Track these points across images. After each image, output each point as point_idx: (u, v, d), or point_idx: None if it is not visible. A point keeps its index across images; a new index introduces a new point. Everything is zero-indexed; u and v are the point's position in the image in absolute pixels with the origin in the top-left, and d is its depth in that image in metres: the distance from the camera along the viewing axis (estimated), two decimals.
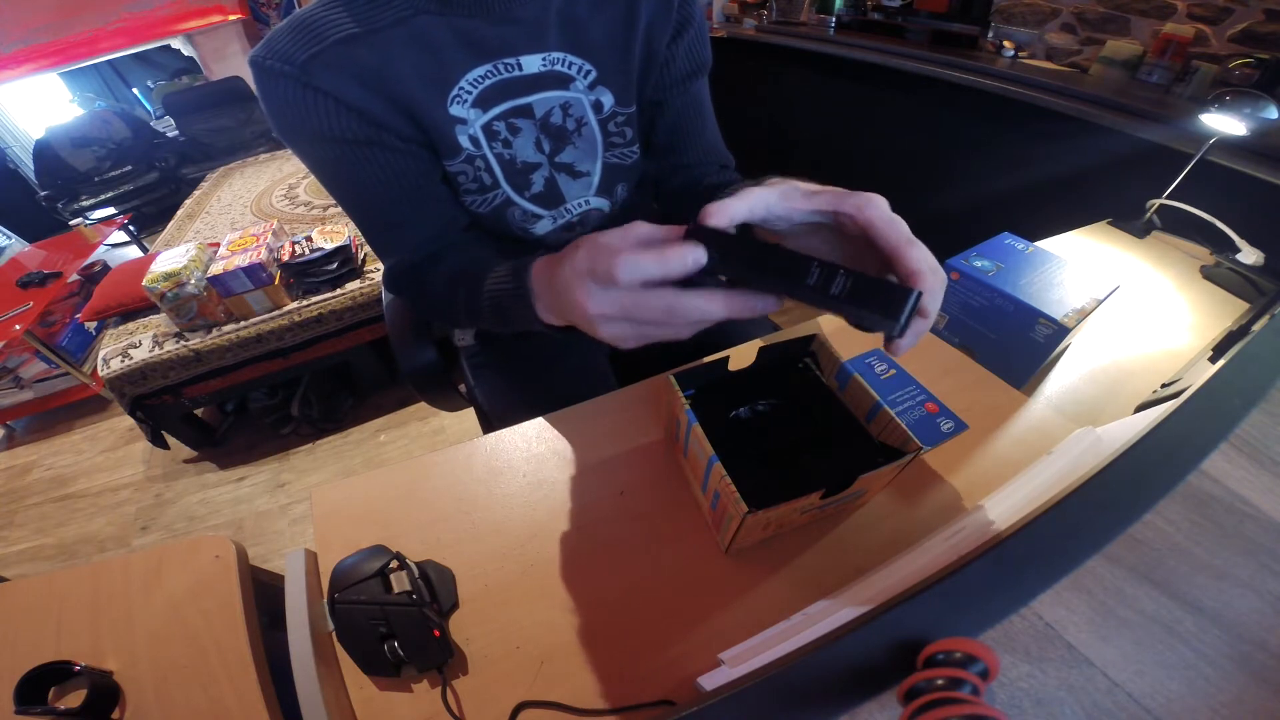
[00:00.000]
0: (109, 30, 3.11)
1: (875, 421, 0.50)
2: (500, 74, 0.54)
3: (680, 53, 0.62)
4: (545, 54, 0.55)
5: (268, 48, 0.48)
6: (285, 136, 0.51)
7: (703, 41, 0.64)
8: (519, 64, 0.54)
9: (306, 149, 0.52)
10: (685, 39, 0.62)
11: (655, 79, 0.62)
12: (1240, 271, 0.78)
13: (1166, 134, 1.04)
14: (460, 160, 0.56)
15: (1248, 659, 0.26)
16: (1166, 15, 1.27)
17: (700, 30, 0.63)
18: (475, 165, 0.57)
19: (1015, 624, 0.27)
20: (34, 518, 1.72)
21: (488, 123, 0.56)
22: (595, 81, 0.58)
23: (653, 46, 0.60)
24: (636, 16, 0.57)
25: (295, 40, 0.47)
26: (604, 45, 0.57)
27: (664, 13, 0.59)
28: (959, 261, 0.68)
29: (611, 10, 0.57)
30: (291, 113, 0.49)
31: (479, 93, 0.54)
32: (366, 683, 0.45)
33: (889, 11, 1.80)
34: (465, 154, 0.56)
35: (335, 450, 1.76)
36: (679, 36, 0.61)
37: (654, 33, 0.59)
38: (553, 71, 0.56)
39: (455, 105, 0.53)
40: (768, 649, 0.39)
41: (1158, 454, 0.34)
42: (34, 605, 0.53)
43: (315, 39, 0.47)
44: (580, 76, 0.58)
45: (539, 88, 0.56)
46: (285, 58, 0.47)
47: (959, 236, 0.74)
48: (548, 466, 0.60)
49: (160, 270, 1.47)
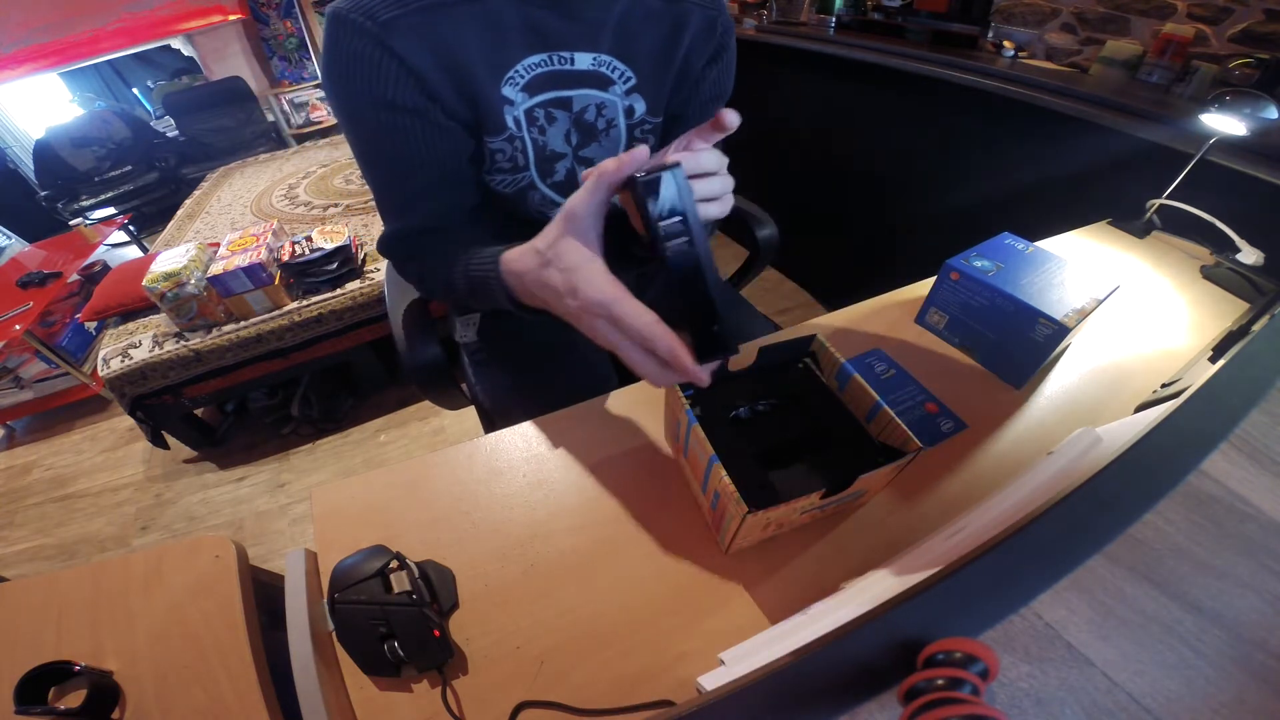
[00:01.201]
0: (109, 30, 3.11)
1: (875, 421, 0.50)
2: (552, 65, 0.57)
3: (711, 76, 0.66)
4: (596, 54, 0.58)
5: (353, 1, 0.48)
6: (337, 89, 0.52)
7: (729, 73, 0.68)
8: (572, 59, 0.57)
9: (353, 106, 0.52)
10: (719, 65, 0.66)
11: (684, 94, 0.66)
12: (1240, 271, 0.78)
13: (1166, 134, 1.03)
14: (502, 139, 0.58)
15: (1248, 659, 0.26)
16: (1166, 15, 1.27)
17: (731, 61, 0.67)
18: (514, 145, 0.60)
19: (1015, 624, 0.27)
20: (34, 518, 1.72)
21: (530, 108, 0.58)
22: (633, 88, 0.62)
23: (689, 64, 0.64)
24: (682, 36, 0.61)
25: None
26: (647, 56, 0.61)
27: (707, 36, 0.63)
28: (959, 261, 0.68)
29: (660, 25, 0.60)
30: (356, 68, 0.49)
31: (530, 79, 0.57)
32: (366, 683, 0.45)
33: (889, 11, 1.80)
34: (508, 133, 0.58)
35: (335, 450, 1.76)
36: (715, 61, 0.65)
37: (693, 53, 0.63)
38: (598, 72, 0.59)
39: (507, 87, 0.56)
40: (768, 649, 0.39)
41: (1158, 454, 0.34)
42: (34, 605, 0.53)
43: (399, 2, 0.49)
44: (620, 81, 0.61)
45: (582, 84, 0.59)
46: (369, 13, 0.48)
47: (959, 236, 0.74)
48: (548, 466, 0.60)
49: (160, 270, 1.47)
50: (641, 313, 0.36)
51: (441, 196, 0.60)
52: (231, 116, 3.45)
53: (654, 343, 0.36)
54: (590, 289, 0.38)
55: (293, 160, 2.74)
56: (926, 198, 1.68)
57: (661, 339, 0.36)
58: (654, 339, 0.36)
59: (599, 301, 0.37)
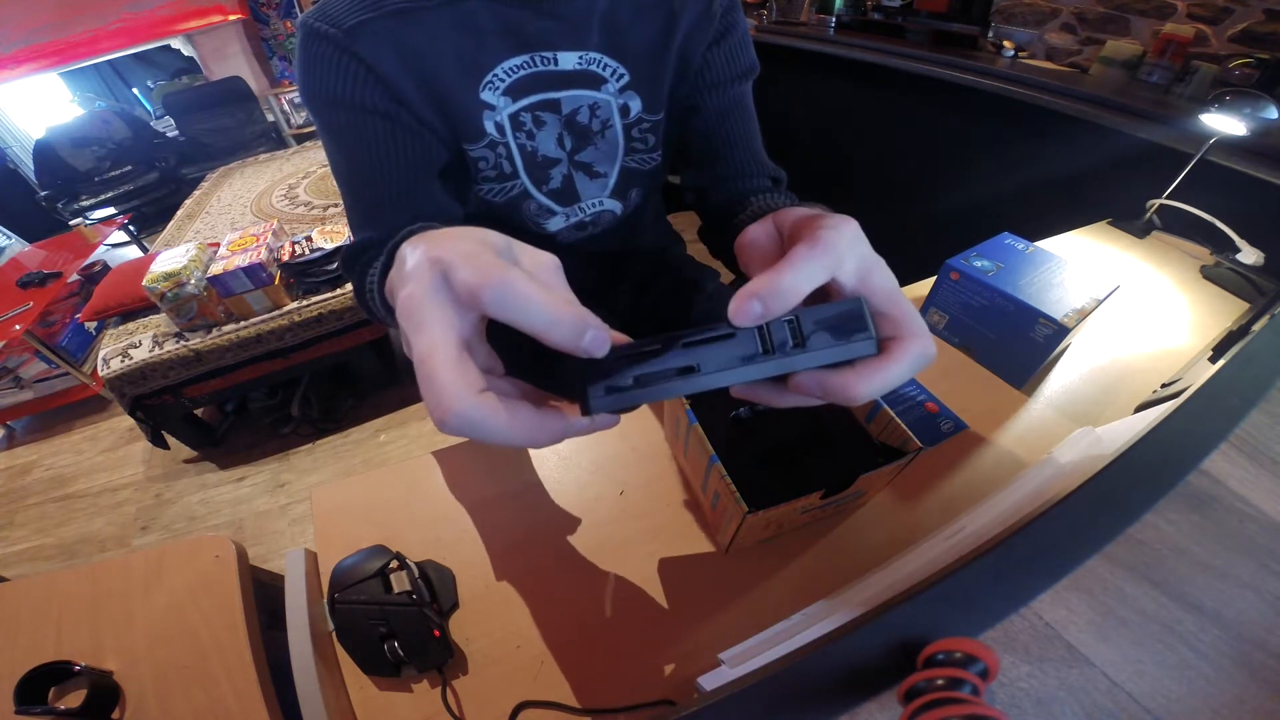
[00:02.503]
0: (109, 30, 3.11)
1: (875, 421, 0.50)
2: (535, 67, 0.55)
3: (719, 58, 0.61)
4: (583, 53, 0.56)
5: (320, 10, 0.49)
6: (307, 96, 0.52)
7: (745, 46, 0.63)
8: (555, 59, 0.55)
9: (324, 111, 0.52)
10: (725, 45, 0.61)
11: (691, 83, 0.62)
12: (1240, 271, 0.78)
13: (1166, 134, 1.04)
14: (483, 145, 0.57)
15: (1248, 659, 0.26)
16: (1166, 15, 1.27)
17: (743, 37, 0.62)
18: (497, 152, 0.58)
19: (1015, 624, 0.27)
20: (34, 518, 1.72)
21: (515, 112, 0.56)
22: (626, 86, 0.59)
23: (689, 54, 0.60)
24: (676, 28, 0.58)
25: (349, 6, 0.48)
26: (640, 52, 0.58)
27: (705, 22, 0.59)
28: (959, 261, 0.68)
29: (652, 19, 0.57)
30: (321, 73, 0.49)
31: (511, 82, 0.55)
32: (366, 683, 0.45)
33: (889, 11, 1.80)
34: (489, 139, 0.57)
35: (335, 450, 1.76)
36: (719, 42, 0.61)
37: (692, 41, 0.59)
38: (587, 71, 0.57)
39: (486, 91, 0.54)
40: (768, 649, 0.39)
41: (1158, 454, 0.34)
42: (34, 605, 0.53)
43: (369, 7, 0.48)
44: (613, 79, 0.58)
45: (570, 85, 0.57)
46: (334, 21, 0.48)
47: (959, 236, 0.74)
48: (548, 466, 0.60)
49: (160, 270, 1.47)
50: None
51: (412, 208, 0.56)
52: (231, 116, 3.45)
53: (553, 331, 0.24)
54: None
55: (293, 160, 2.74)
56: (926, 198, 1.68)
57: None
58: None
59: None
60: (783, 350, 0.24)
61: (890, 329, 0.25)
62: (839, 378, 0.24)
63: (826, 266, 0.24)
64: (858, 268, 0.25)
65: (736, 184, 0.64)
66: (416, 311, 0.24)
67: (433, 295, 0.24)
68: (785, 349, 0.24)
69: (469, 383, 0.23)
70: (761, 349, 0.24)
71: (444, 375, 0.23)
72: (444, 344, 0.23)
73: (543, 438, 0.24)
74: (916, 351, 0.24)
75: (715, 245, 0.68)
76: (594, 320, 0.23)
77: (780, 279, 0.23)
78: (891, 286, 0.26)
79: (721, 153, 0.64)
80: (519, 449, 0.61)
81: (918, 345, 0.24)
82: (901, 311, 0.25)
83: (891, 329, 0.25)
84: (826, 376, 0.25)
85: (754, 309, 0.23)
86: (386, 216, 0.57)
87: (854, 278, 0.25)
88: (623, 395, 0.24)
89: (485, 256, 0.24)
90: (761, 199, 0.58)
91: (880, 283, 0.26)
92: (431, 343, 0.23)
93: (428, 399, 0.23)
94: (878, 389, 0.24)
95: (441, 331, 0.23)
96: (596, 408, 0.24)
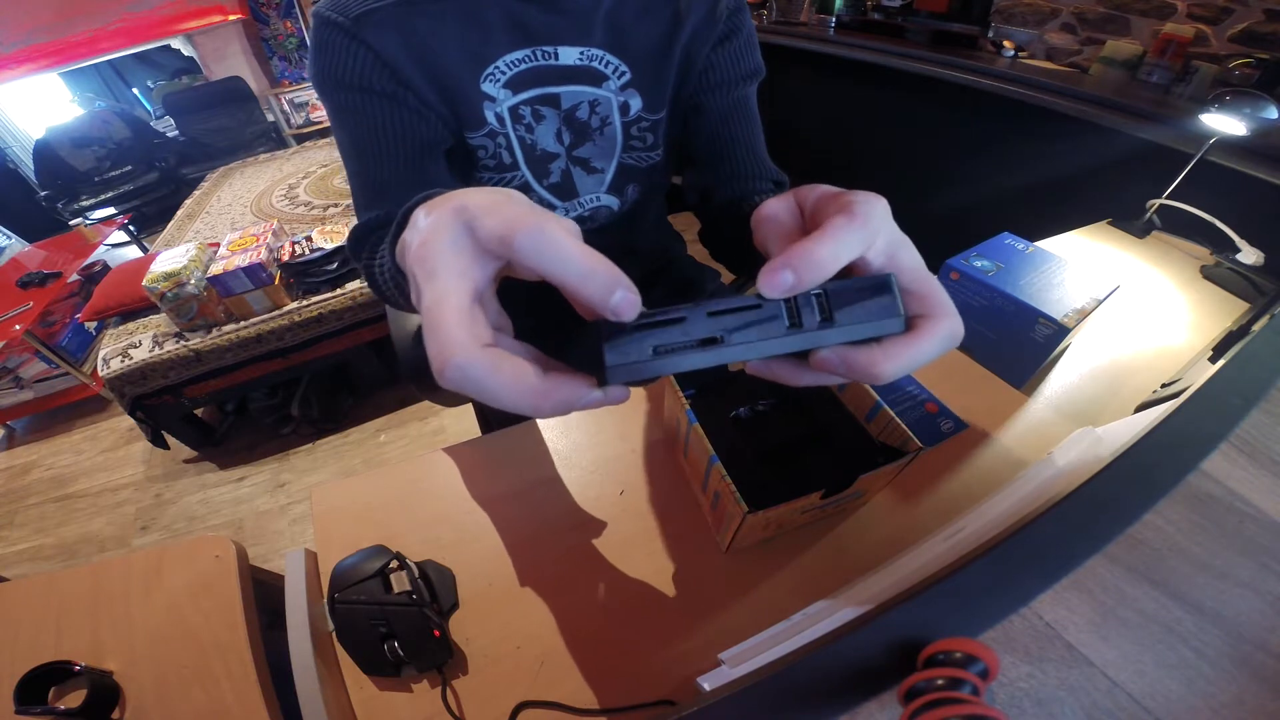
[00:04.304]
0: (109, 30, 3.11)
1: (875, 421, 0.50)
2: (536, 61, 0.56)
3: (724, 59, 0.62)
4: (585, 48, 0.56)
5: (332, 0, 0.50)
6: (317, 80, 0.53)
7: (751, 49, 0.63)
8: (556, 54, 0.56)
9: (332, 93, 0.54)
10: (731, 46, 0.61)
11: (694, 83, 0.62)
12: (1240, 271, 0.78)
13: (1166, 134, 1.04)
14: (483, 134, 0.57)
15: (1248, 659, 0.26)
16: (1166, 15, 1.27)
17: (749, 40, 0.63)
18: (497, 142, 0.58)
19: (1015, 624, 0.27)
20: (34, 518, 1.72)
21: (515, 105, 0.57)
22: (628, 84, 0.59)
23: (693, 54, 0.60)
24: (681, 27, 0.58)
25: None
26: (643, 51, 0.58)
27: (710, 23, 0.60)
28: (959, 261, 0.68)
29: (656, 18, 0.58)
30: (329, 56, 0.51)
31: (512, 75, 0.56)
32: (366, 683, 0.45)
33: (889, 11, 1.80)
34: (489, 128, 0.57)
35: (335, 450, 1.76)
36: (724, 44, 0.61)
37: (696, 41, 0.60)
38: (588, 67, 0.57)
39: (487, 83, 0.55)
40: (768, 649, 0.39)
41: (1158, 454, 0.34)
42: (34, 605, 0.53)
43: None
44: (614, 76, 0.59)
45: (570, 80, 0.57)
46: (343, 10, 0.50)
47: (959, 236, 0.74)
48: (548, 466, 0.60)
49: (160, 270, 1.47)
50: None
51: (416, 185, 0.56)
52: (231, 116, 3.44)
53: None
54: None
55: (293, 160, 2.74)
56: (926, 197, 1.68)
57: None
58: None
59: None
60: (810, 324, 0.23)
61: (918, 306, 0.24)
62: (865, 355, 0.23)
63: (864, 239, 0.23)
64: (887, 244, 0.24)
65: (739, 185, 0.64)
66: (430, 258, 0.23)
67: (451, 243, 0.23)
68: (812, 323, 0.23)
69: (475, 335, 0.22)
70: (789, 322, 0.23)
71: (450, 323, 0.21)
72: (456, 292, 0.22)
73: (546, 405, 0.23)
74: (945, 330, 0.24)
75: (716, 247, 0.68)
76: (626, 280, 0.22)
77: (817, 248, 0.22)
78: (919, 264, 0.25)
79: (724, 154, 0.64)
80: (518, 451, 0.62)
81: (947, 324, 0.24)
82: (930, 289, 0.24)
83: (919, 307, 0.24)
84: (852, 353, 0.23)
85: (786, 279, 0.22)
86: (393, 194, 0.57)
87: (883, 255, 0.25)
88: (641, 365, 0.22)
89: (514, 206, 0.23)
90: (764, 200, 0.58)
91: (909, 261, 0.25)
92: (444, 289, 0.22)
93: (430, 348, 0.22)
94: (904, 368, 0.23)
95: (455, 280, 0.22)
96: (614, 378, 0.23)
